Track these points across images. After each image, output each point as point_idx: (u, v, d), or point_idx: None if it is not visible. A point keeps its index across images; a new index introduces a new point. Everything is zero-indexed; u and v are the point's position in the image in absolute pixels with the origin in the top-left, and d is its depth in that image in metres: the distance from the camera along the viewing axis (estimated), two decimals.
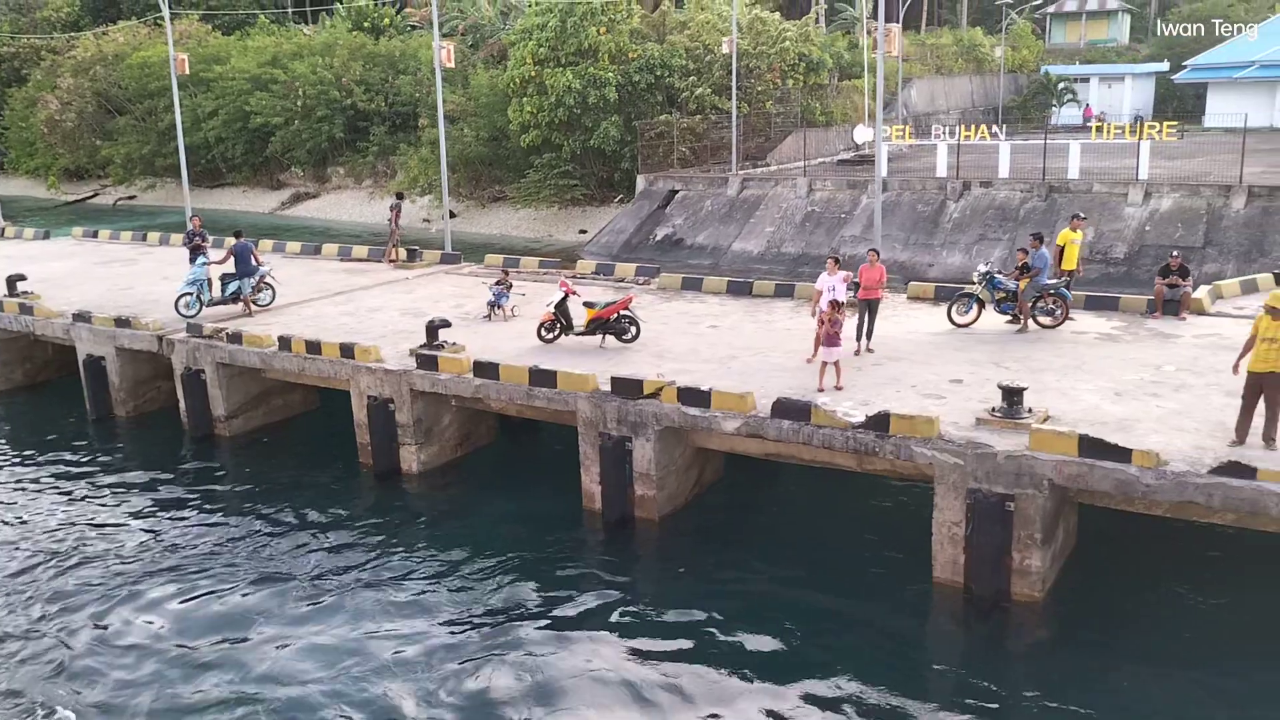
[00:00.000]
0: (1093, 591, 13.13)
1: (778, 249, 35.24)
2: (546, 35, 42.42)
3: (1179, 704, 10.89)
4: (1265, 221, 28.61)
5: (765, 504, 16.45)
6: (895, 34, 24.00)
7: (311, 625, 12.86)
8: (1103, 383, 14.87)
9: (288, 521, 15.90)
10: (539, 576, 13.99)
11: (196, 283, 20.75)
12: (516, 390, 16.03)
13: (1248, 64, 60.34)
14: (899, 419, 13.25)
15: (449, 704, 11.25)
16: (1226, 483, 11.34)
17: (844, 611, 13.04)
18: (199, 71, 56.64)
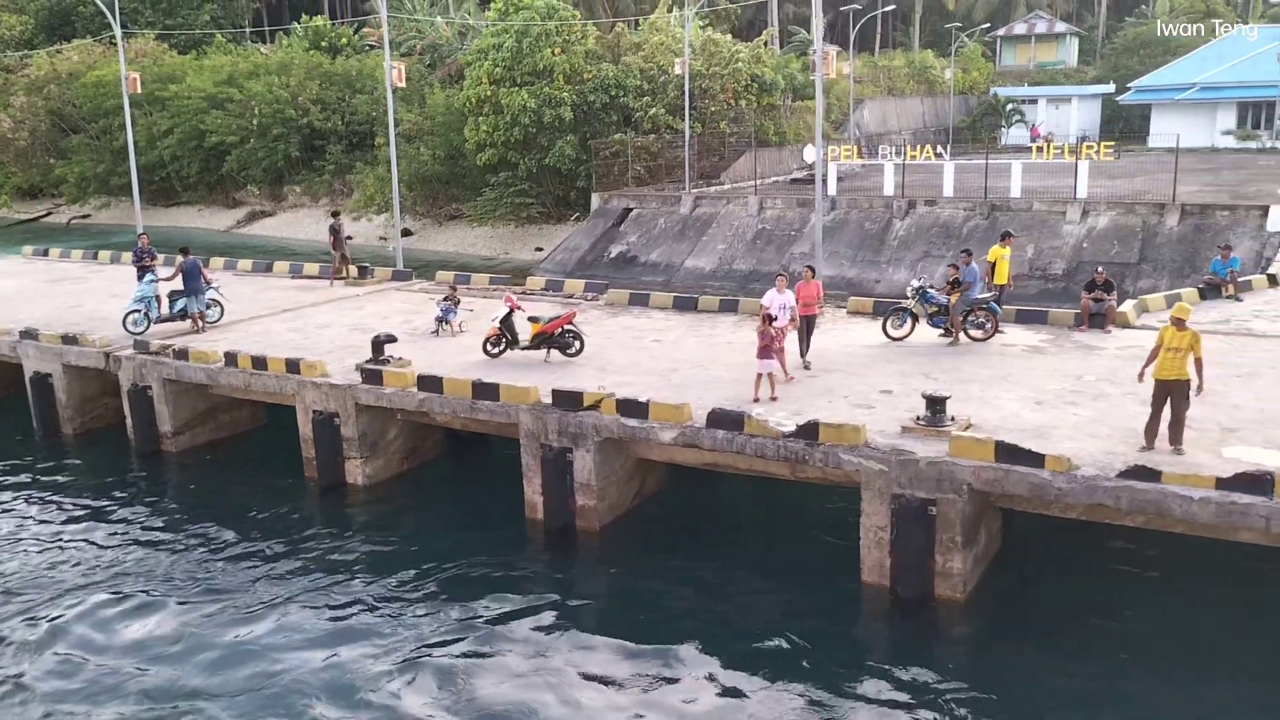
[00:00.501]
0: (1015, 592, 13.62)
1: (729, 266, 35.80)
2: (502, 56, 42.90)
3: (1095, 697, 11.32)
4: (1197, 238, 29.55)
5: (705, 513, 16.83)
6: (833, 57, 24.65)
7: (247, 638, 12.96)
8: (1025, 392, 15.43)
9: (230, 535, 16.02)
10: (479, 586, 14.23)
11: (144, 300, 20.86)
12: (460, 403, 16.33)
13: (1189, 86, 62.05)
14: (827, 428, 13.70)
15: (380, 714, 11.44)
16: (1133, 485, 11.88)
17: (777, 615, 13.38)
18: (154, 90, 56.66)
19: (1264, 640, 12.22)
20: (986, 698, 11.40)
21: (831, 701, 11.41)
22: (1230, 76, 61.15)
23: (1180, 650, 12.12)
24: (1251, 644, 12.17)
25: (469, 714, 11.36)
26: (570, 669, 12.15)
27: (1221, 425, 13.66)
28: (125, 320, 20.77)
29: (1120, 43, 76.85)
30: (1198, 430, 13.39)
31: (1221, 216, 30.02)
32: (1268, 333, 18.62)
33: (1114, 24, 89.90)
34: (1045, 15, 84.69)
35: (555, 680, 11.91)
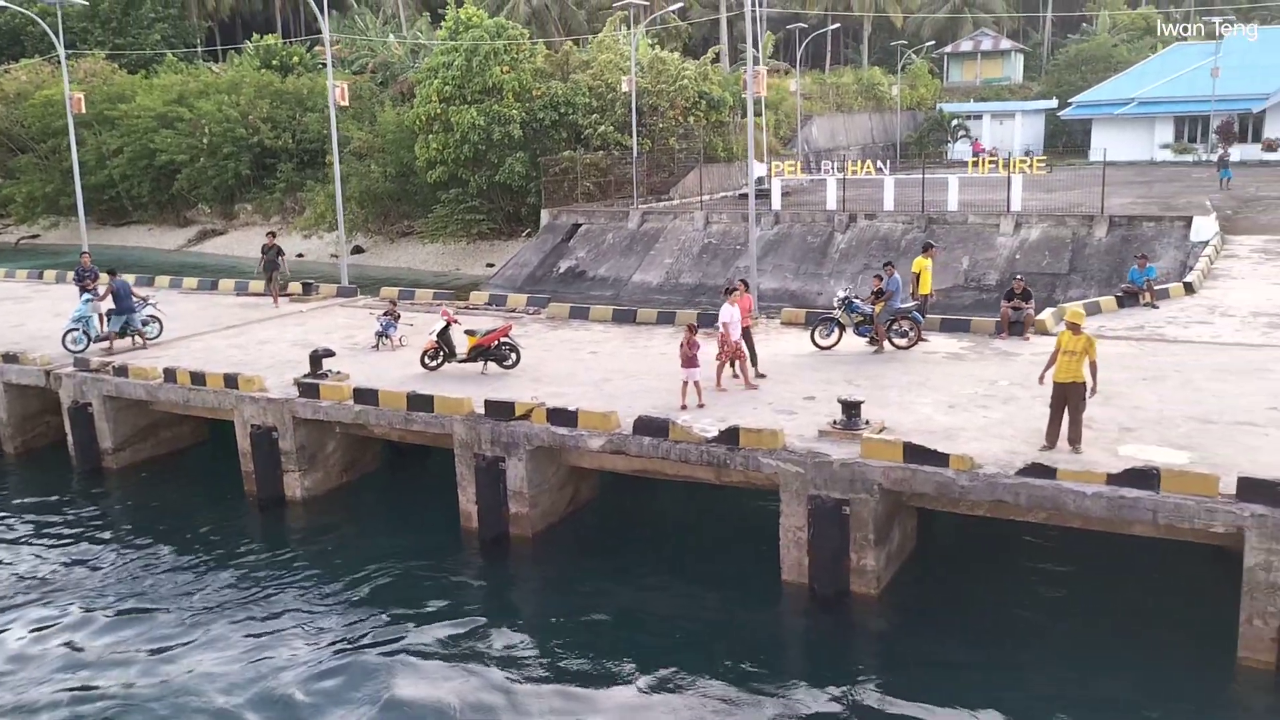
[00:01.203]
0: (928, 588, 14.18)
1: (676, 280, 36.36)
2: (452, 74, 43.31)
3: (999, 684, 11.84)
4: (1124, 248, 30.50)
5: (637, 519, 17.27)
6: (764, 75, 25.31)
7: (177, 651, 13.14)
8: (940, 397, 16.05)
9: (166, 550, 16.23)
10: (412, 595, 14.53)
11: (82, 319, 21.02)
12: (395, 415, 16.68)
13: (1127, 101, 63.71)
14: (747, 433, 14.21)
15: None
16: (1030, 482, 12.49)
17: (703, 616, 13.83)
18: (103, 110, 56.46)
19: (1158, 627, 12.84)
20: (897, 687, 11.90)
21: (751, 698, 11.76)
22: (1167, 91, 62.93)
23: (1080, 639, 12.70)
24: (1147, 631, 12.79)
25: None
26: (498, 674, 12.46)
27: (1121, 425, 14.32)
28: (64, 339, 20.90)
29: (1063, 59, 78.64)
30: (1098, 430, 14.06)
31: (1148, 227, 31.05)
32: (1178, 338, 19.42)
33: (1059, 41, 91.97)
34: (991, 33, 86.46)
35: (483, 685, 12.22)
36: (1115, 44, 77.47)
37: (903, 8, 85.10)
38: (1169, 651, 12.34)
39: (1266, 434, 13.72)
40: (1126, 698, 11.50)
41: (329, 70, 31.23)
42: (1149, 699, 11.48)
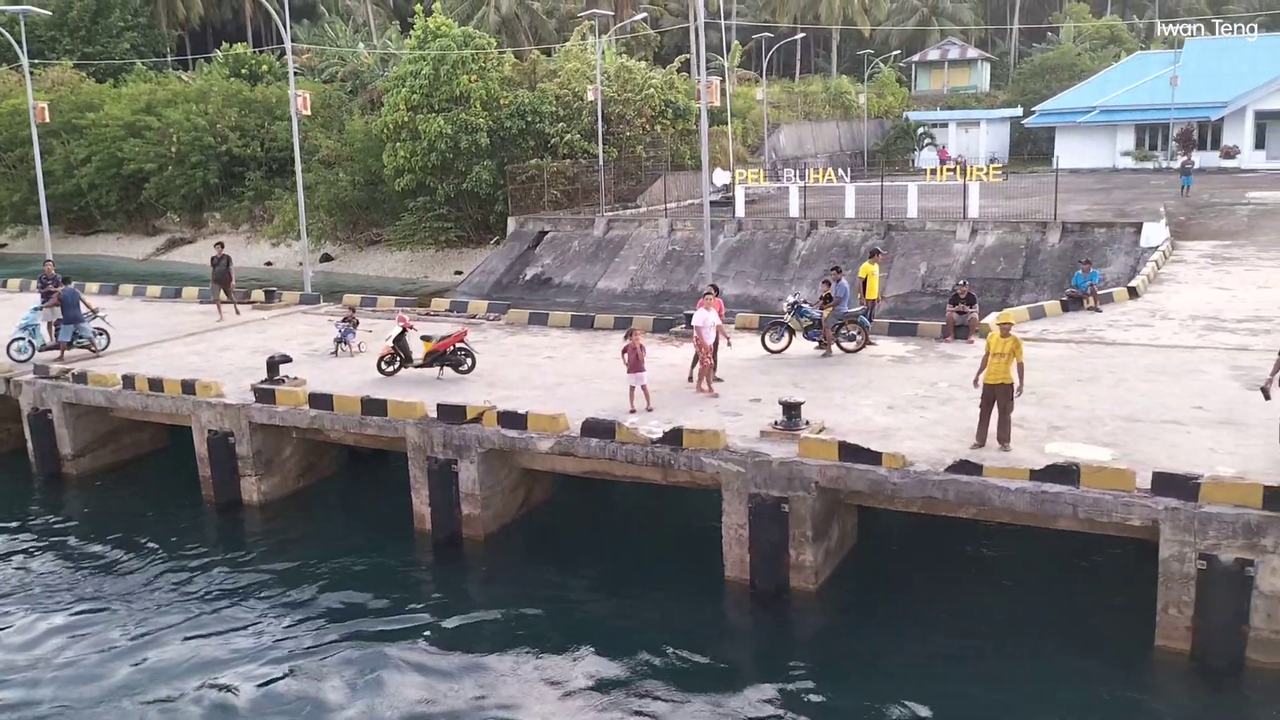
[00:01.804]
0: (867, 583, 14.62)
1: (640, 286, 36.75)
2: (420, 82, 43.60)
3: (935, 679, 12.23)
4: (1077, 254, 31.07)
5: (590, 520, 17.61)
6: (715, 86, 25.79)
7: (131, 654, 13.35)
8: (881, 398, 16.51)
9: (122, 554, 16.44)
10: (364, 596, 14.77)
11: (28, 327, 21.22)
12: (350, 419, 16.98)
13: (1089, 109, 64.70)
14: (690, 434, 14.61)
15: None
16: (957, 479, 12.94)
17: (647, 613, 14.16)
18: (71, 118, 56.34)
19: (1085, 617, 13.31)
20: (832, 680, 12.32)
21: (689, 694, 12.05)
22: (1128, 100, 63.92)
23: (1011, 631, 13.16)
24: (1074, 621, 13.26)
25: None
26: (444, 673, 12.74)
27: (1051, 424, 14.82)
28: (9, 348, 21.06)
29: (1028, 68, 79.73)
30: (1029, 429, 14.54)
31: (1099, 233, 31.72)
32: (1116, 341, 19.98)
33: (1025, 50, 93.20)
34: (958, 42, 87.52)
35: (428, 685, 12.48)
36: (1079, 53, 78.65)
37: (871, 18, 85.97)
38: (1094, 640, 12.80)
39: (1189, 432, 14.23)
40: (1054, 685, 11.93)
41: (290, 80, 31.45)
42: (1075, 685, 11.92)
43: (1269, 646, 11.63)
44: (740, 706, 11.82)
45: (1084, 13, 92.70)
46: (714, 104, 27.04)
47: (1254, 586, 11.52)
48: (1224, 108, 59.98)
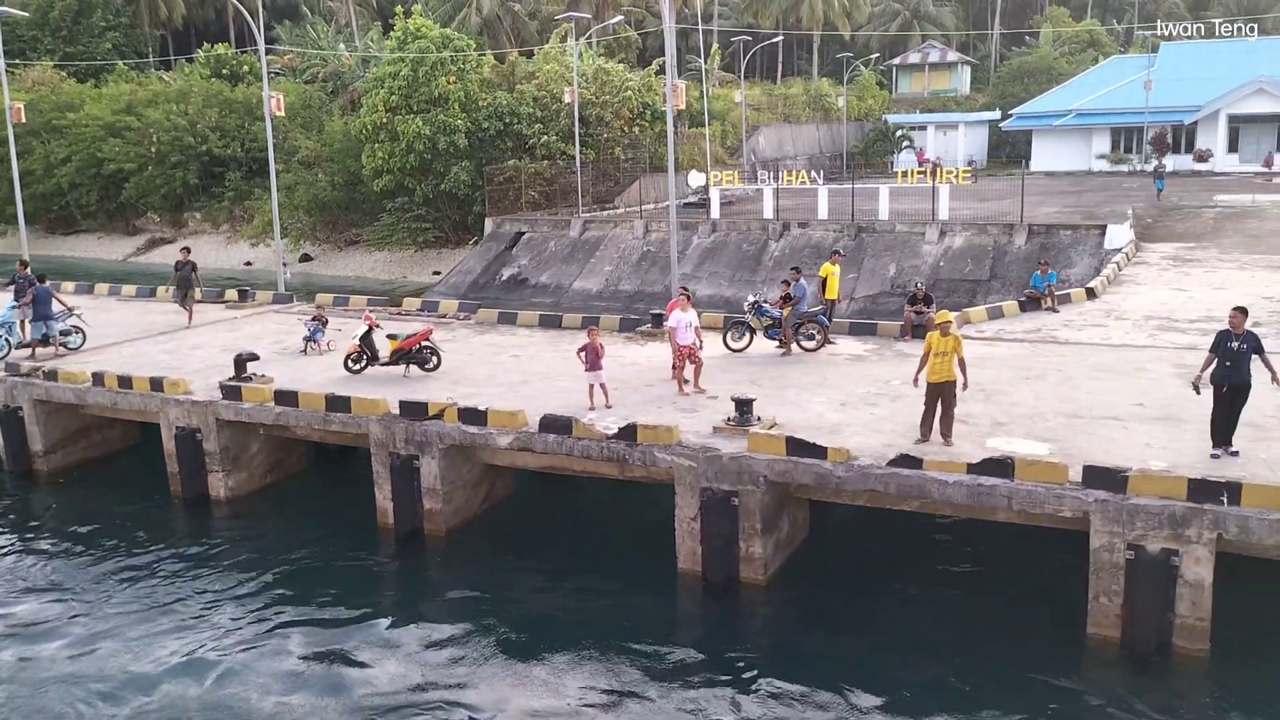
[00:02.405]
0: (816, 576, 15.00)
1: (615, 287, 37.10)
2: (398, 84, 43.85)
3: (877, 667, 12.59)
4: (1042, 255, 31.53)
5: (551, 516, 17.96)
6: (682, 90, 26.17)
7: (92, 645, 13.64)
8: (835, 395, 16.91)
9: (88, 548, 16.72)
10: (323, 589, 15.07)
11: (4, 325, 21.47)
12: (314, 416, 17.28)
13: (1065, 113, 65.37)
14: (644, 429, 14.97)
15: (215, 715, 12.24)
16: (899, 473, 13.34)
17: (602, 606, 14.52)
18: (52, 118, 56.40)
19: (1024, 607, 13.73)
20: (779, 668, 12.65)
21: (643, 684, 12.41)
22: (1104, 103, 64.61)
23: (953, 620, 13.57)
24: (1014, 611, 13.68)
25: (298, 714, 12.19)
26: (402, 666, 13.04)
27: (995, 420, 15.23)
28: None
29: (1006, 71, 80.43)
30: (973, 425, 14.97)
31: (1065, 235, 32.21)
32: (1069, 340, 20.43)
33: (1007, 53, 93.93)
34: (938, 45, 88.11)
35: (383, 676, 12.78)
36: (1057, 56, 79.39)
37: (851, 22, 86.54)
38: (1031, 629, 13.23)
39: (1126, 427, 14.67)
40: (992, 673, 12.34)
41: (265, 81, 31.70)
42: (1011, 673, 12.33)
43: (1193, 633, 12.07)
44: (688, 696, 12.17)
45: (1064, 16, 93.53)
46: (680, 107, 27.39)
47: (1179, 575, 11.95)
48: (1197, 111, 60.71)
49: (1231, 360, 13.04)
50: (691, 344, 17.47)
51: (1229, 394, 13.12)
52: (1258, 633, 12.90)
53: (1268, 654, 12.51)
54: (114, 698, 12.47)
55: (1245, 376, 13.05)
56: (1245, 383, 13.10)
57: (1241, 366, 13.02)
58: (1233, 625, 12.75)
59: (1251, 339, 13.07)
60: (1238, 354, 13.00)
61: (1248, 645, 12.52)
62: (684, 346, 17.43)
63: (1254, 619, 13.14)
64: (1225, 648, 12.29)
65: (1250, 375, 13.08)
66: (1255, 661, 12.30)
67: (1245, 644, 12.51)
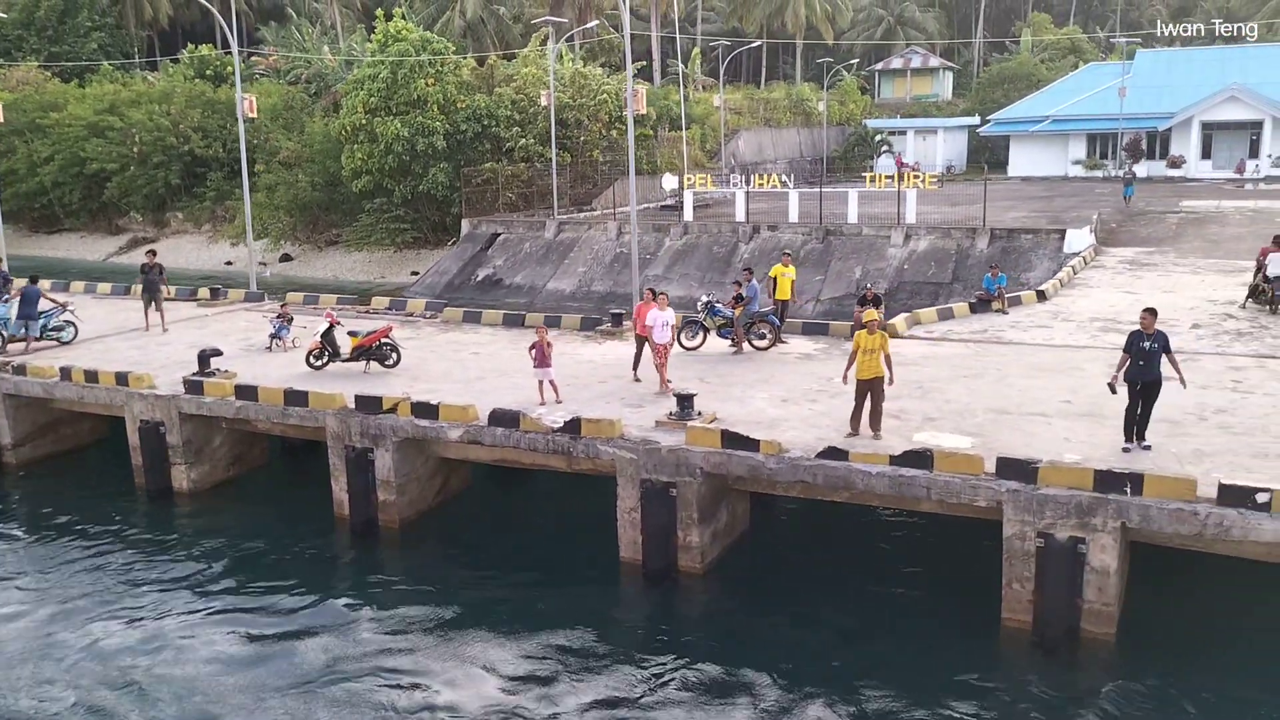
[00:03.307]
0: (752, 566, 15.58)
1: (588, 288, 37.67)
2: (378, 85, 44.38)
3: (805, 656, 13.10)
4: (1004, 259, 32.27)
5: (505, 508, 18.51)
6: (642, 94, 26.75)
7: (48, 629, 14.13)
8: (778, 392, 17.47)
9: (47, 536, 17.20)
10: (276, 576, 15.59)
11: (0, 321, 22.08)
12: (273, 410, 17.78)
13: (1042, 119, 66.13)
14: (588, 423, 15.51)
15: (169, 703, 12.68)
16: (826, 464, 13.91)
17: (547, 594, 14.97)
18: (35, 118, 56.78)
19: (945, 594, 14.30)
20: (711, 653, 13.16)
21: (583, 668, 12.91)
22: (1081, 110, 65.40)
23: (879, 607, 14.15)
24: (936, 598, 14.25)
25: (247, 700, 12.59)
26: (348, 651, 13.50)
27: (926, 416, 15.82)
28: None
29: (986, 77, 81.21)
30: (904, 420, 15.55)
31: (1026, 239, 32.89)
32: (1013, 340, 21.03)
33: (990, 59, 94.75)
34: (921, 51, 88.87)
35: (331, 663, 13.23)
36: (1037, 62, 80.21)
37: (835, 27, 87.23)
38: (954, 615, 13.80)
39: (1050, 423, 15.26)
40: (914, 656, 12.91)
41: (238, 84, 32.19)
42: (931, 656, 12.91)
43: (1100, 618, 12.65)
44: (622, 678, 12.67)
45: (1046, 23, 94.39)
46: (641, 112, 27.94)
47: (1086, 562, 12.53)
48: (1171, 118, 61.52)
49: (1143, 359, 13.62)
50: (667, 342, 17.87)
51: (1141, 391, 13.71)
52: (1164, 620, 13.48)
53: (1172, 640, 13.09)
54: (69, 676, 12.95)
55: (1156, 374, 13.64)
56: (1156, 380, 13.69)
57: (1152, 365, 13.61)
58: (1141, 612, 13.38)
59: (1160, 338, 13.67)
60: (1149, 353, 13.59)
61: (1154, 631, 13.11)
62: (661, 345, 17.83)
63: (1161, 607, 13.73)
64: (1132, 633, 12.90)
65: (1160, 373, 13.67)
66: (1159, 647, 12.88)
67: (1151, 630, 13.11)
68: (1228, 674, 12.27)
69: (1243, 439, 14.35)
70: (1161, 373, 13.72)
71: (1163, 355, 13.66)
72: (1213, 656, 12.65)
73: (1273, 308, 22.61)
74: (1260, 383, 17.18)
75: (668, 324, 17.97)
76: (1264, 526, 11.73)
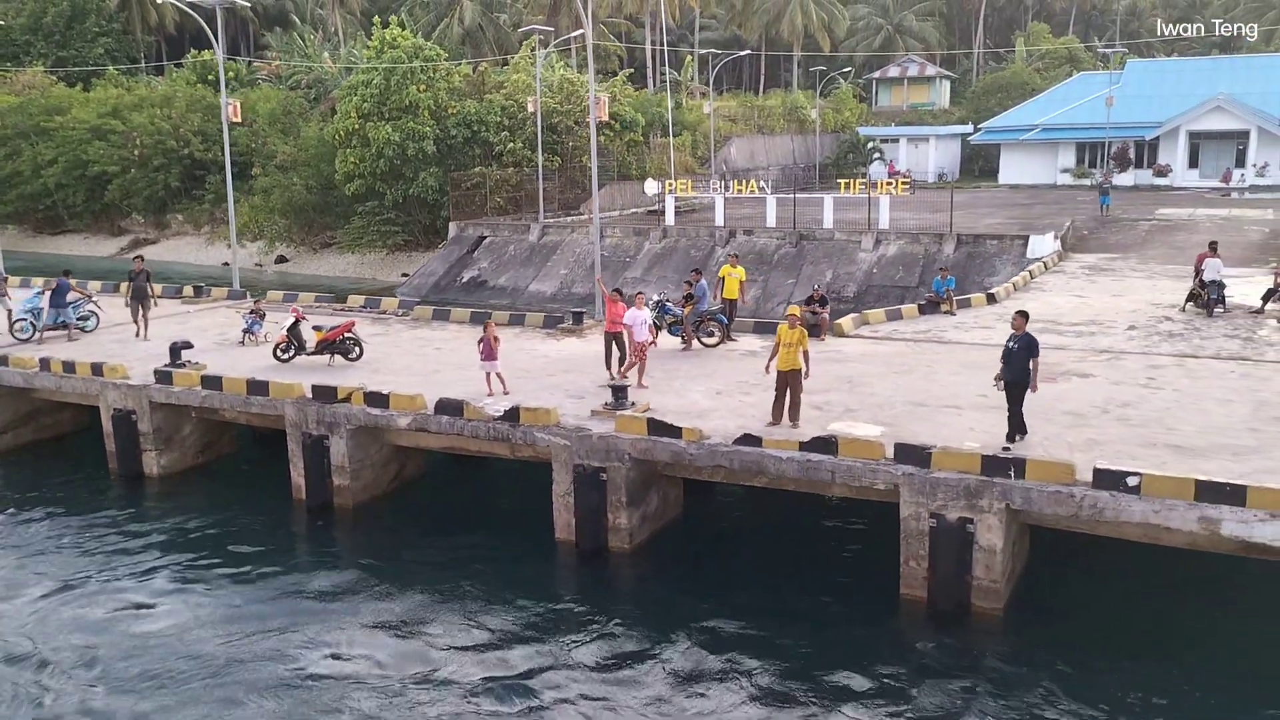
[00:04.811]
0: (679, 548, 16.47)
1: (569, 289, 38.63)
2: (371, 91, 45.50)
3: (718, 628, 13.92)
4: (969, 263, 33.14)
5: (456, 494, 19.44)
6: (604, 102, 27.71)
7: (13, 597, 15.16)
8: (714, 385, 18.37)
9: (20, 516, 18.19)
10: (231, 551, 16.55)
11: (31, 310, 23.28)
12: (236, 399, 18.76)
13: (1031, 127, 66.91)
14: (527, 412, 16.44)
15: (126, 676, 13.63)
16: (740, 450, 14.80)
17: (487, 569, 15.82)
18: (40, 121, 58.16)
19: (854, 573, 15.16)
20: (635, 623, 14.09)
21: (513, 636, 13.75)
22: (1069, 119, 66.15)
23: (793, 589, 14.99)
24: (844, 576, 15.11)
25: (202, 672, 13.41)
26: (292, 622, 14.38)
27: (847, 407, 16.70)
28: (13, 328, 23.47)
29: (981, 86, 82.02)
30: (827, 411, 16.43)
31: (991, 245, 33.72)
32: (953, 340, 21.88)
33: (989, 68, 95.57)
34: (918, 59, 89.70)
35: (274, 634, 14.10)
36: (1031, 71, 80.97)
37: (832, 36, 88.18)
38: (860, 591, 14.65)
39: (961, 414, 16.12)
40: (817, 628, 13.75)
41: (222, 89, 33.40)
42: (836, 628, 13.75)
43: (988, 594, 13.49)
44: (550, 645, 13.51)
45: (1044, 33, 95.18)
46: (603, 119, 28.90)
47: (974, 542, 13.38)
48: (1158, 128, 62.22)
49: (1008, 359, 14.33)
50: (644, 341, 18.57)
51: (1007, 389, 14.41)
52: (1055, 600, 14.31)
53: (1056, 618, 13.90)
54: (34, 643, 13.90)
55: (1018, 374, 14.30)
56: (1015, 379, 14.33)
57: (1013, 364, 14.28)
58: (1036, 592, 14.24)
59: (1025, 339, 14.35)
60: (1013, 353, 14.28)
61: (1041, 610, 13.96)
62: (639, 343, 18.51)
63: (1055, 589, 14.57)
64: (1020, 610, 13.74)
65: (1024, 372, 14.31)
66: (1043, 624, 13.71)
67: (1039, 608, 13.97)
68: (1104, 651, 13.05)
69: (1137, 430, 15.18)
70: (1025, 373, 14.31)
71: (1028, 356, 14.27)
72: (1094, 635, 13.43)
73: (1209, 311, 23.40)
74: (1172, 380, 18.00)
75: (645, 323, 18.62)
76: (1133, 508, 12.57)
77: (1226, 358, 19.65)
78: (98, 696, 12.65)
